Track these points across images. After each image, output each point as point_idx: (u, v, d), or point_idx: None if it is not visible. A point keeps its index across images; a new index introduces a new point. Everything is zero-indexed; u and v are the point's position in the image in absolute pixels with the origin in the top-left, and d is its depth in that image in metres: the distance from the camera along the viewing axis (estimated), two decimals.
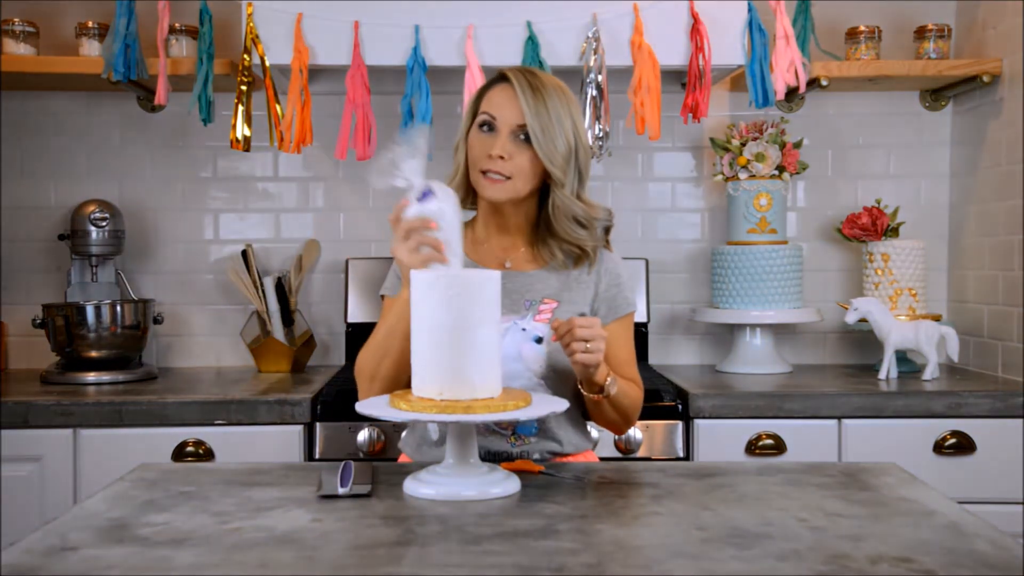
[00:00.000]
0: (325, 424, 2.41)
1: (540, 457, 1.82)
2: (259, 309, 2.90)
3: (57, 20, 2.94)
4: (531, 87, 1.77)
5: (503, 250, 1.90)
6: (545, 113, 1.76)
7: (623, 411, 1.82)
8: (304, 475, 1.59)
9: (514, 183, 1.78)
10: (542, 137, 1.76)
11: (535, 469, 1.60)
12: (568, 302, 1.86)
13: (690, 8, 2.63)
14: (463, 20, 2.60)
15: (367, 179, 1.52)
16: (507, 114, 1.78)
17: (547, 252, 1.87)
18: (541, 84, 1.78)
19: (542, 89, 1.77)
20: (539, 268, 1.88)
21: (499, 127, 1.78)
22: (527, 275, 1.87)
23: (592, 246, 1.85)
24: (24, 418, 2.36)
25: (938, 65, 2.80)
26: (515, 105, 1.77)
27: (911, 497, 1.46)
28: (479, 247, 1.90)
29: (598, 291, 1.88)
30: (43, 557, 1.18)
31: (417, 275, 1.48)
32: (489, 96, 1.81)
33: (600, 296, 1.88)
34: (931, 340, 2.64)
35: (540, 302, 1.84)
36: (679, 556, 1.18)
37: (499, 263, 1.88)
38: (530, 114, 1.76)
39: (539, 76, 1.80)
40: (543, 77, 1.80)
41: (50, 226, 2.99)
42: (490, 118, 1.79)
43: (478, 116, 1.81)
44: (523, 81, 1.78)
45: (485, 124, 1.79)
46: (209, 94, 2.67)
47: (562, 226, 1.83)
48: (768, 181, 2.82)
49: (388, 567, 1.15)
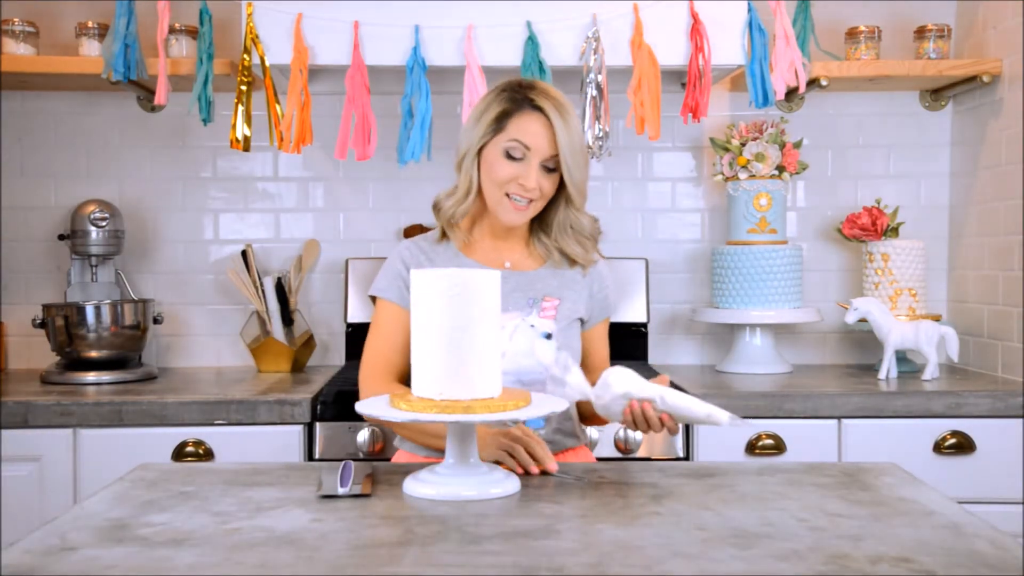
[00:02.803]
0: (325, 424, 2.41)
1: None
2: (259, 309, 2.90)
3: (57, 20, 2.94)
4: (562, 119, 1.80)
5: (500, 250, 1.93)
6: (576, 144, 1.82)
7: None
8: (304, 475, 1.59)
9: (535, 206, 1.85)
10: (574, 169, 1.82)
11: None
12: (567, 300, 1.90)
13: (690, 8, 2.63)
14: (463, 20, 2.60)
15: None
16: (541, 145, 1.81)
17: (543, 252, 1.94)
18: (568, 114, 1.82)
19: (569, 119, 1.82)
20: (538, 267, 1.93)
21: (530, 158, 1.81)
22: (528, 274, 1.91)
23: (586, 262, 1.93)
24: (24, 418, 2.36)
25: (938, 65, 2.80)
26: (549, 136, 1.81)
27: (911, 497, 1.46)
28: (475, 246, 1.93)
29: (591, 292, 1.95)
30: (43, 557, 1.18)
31: (417, 275, 1.48)
32: (520, 124, 1.81)
33: (594, 297, 1.95)
34: (931, 340, 2.64)
35: (542, 299, 1.88)
36: (679, 556, 1.18)
37: (498, 263, 1.91)
38: (566, 149, 1.80)
39: (564, 104, 1.83)
40: (566, 104, 1.84)
41: (50, 226, 2.99)
42: (521, 147, 1.81)
43: (505, 140, 1.81)
44: (555, 114, 1.80)
45: (514, 152, 1.81)
46: (209, 94, 2.67)
47: (562, 239, 1.90)
48: (768, 181, 2.82)
49: (388, 567, 1.15)
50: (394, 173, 3.04)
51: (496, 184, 1.82)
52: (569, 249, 1.91)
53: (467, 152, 1.85)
